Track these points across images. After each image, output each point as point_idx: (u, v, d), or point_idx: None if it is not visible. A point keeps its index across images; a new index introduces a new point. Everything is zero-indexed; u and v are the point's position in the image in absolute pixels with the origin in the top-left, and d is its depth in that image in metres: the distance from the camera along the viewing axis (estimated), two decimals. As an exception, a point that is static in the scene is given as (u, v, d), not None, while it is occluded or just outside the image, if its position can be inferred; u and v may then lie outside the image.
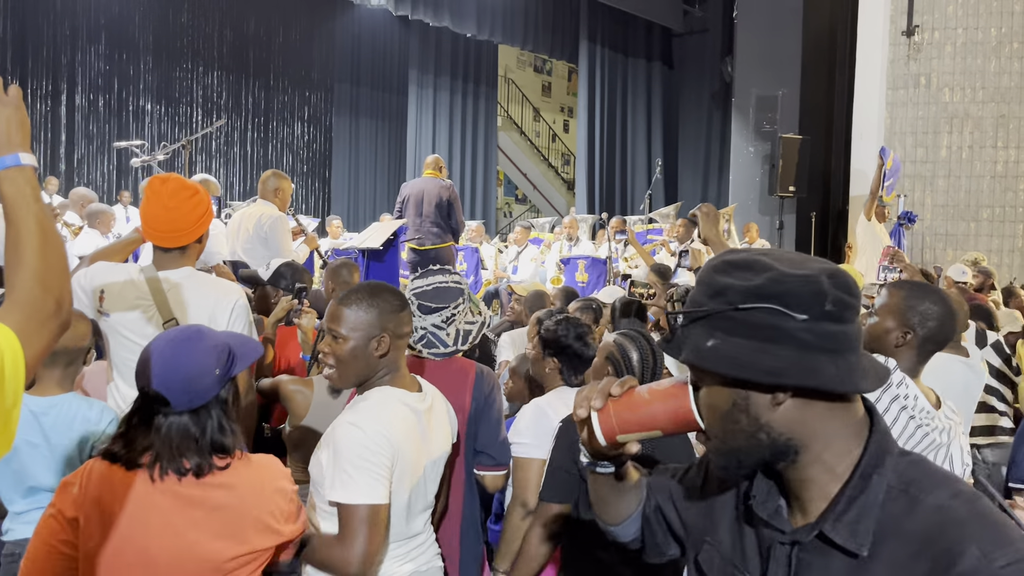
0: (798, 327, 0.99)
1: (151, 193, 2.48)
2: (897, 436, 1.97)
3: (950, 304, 2.13)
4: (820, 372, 0.99)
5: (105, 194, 11.68)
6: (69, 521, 1.58)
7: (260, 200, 5.21)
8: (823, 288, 1.00)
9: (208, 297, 2.49)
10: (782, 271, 1.01)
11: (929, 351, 2.15)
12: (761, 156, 12.15)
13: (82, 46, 12.45)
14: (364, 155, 16.07)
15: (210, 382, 1.62)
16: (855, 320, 1.03)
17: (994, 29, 10.10)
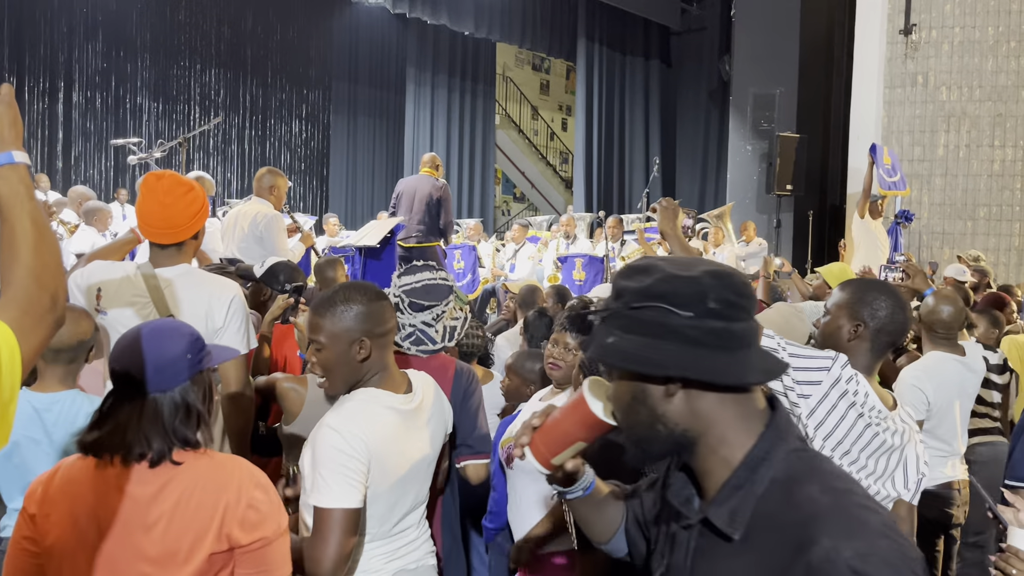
0: (683, 324, 1.08)
1: (146, 190, 2.48)
2: (844, 434, 1.96)
3: (900, 297, 2.12)
4: (703, 365, 1.07)
5: (102, 192, 11.66)
6: (30, 518, 1.59)
7: (255, 198, 5.18)
8: (706, 288, 1.09)
9: (204, 293, 2.49)
10: (670, 273, 1.11)
11: (884, 343, 2.12)
12: (758, 155, 12.17)
13: (79, 43, 12.43)
14: (362, 153, 16.07)
15: (180, 366, 1.63)
16: (743, 318, 1.11)
17: (991, 28, 10.12)
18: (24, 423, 2.18)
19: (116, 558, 1.57)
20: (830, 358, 2.00)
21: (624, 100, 16.61)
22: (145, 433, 1.59)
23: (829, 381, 1.98)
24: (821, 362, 2.00)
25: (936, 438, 3.30)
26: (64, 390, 2.28)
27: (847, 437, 1.98)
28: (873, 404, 2.00)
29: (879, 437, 1.99)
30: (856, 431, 1.98)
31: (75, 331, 2.26)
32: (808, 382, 2.00)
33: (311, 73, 15.19)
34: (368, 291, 1.90)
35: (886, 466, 2.04)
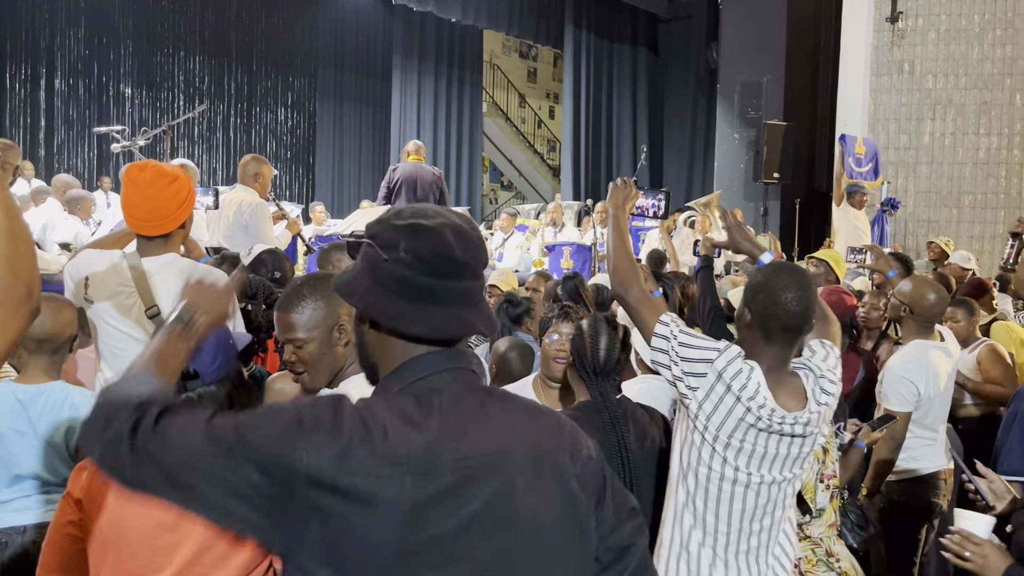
0: (380, 264, 1.17)
1: (129, 182, 2.46)
2: (733, 428, 1.88)
3: (796, 280, 1.94)
4: (376, 304, 1.17)
5: (86, 180, 11.55)
6: (75, 502, 1.62)
7: (240, 186, 5.14)
8: (400, 237, 1.17)
9: None
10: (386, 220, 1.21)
11: (774, 329, 1.94)
12: (746, 142, 12.19)
13: (61, 30, 12.26)
14: (348, 141, 15.97)
15: (229, 353, 1.70)
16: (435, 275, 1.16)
17: (977, 16, 10.15)
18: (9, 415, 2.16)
19: (160, 546, 1.59)
20: (717, 349, 1.93)
21: (612, 88, 16.58)
22: None
23: (713, 374, 1.90)
24: (707, 353, 1.92)
25: (923, 427, 3.31)
26: (49, 381, 2.25)
27: (713, 414, 1.90)
28: (752, 394, 1.87)
29: (746, 421, 1.89)
30: (725, 408, 1.90)
31: (58, 321, 2.23)
32: (694, 374, 1.93)
33: (296, 60, 15.06)
34: (330, 278, 1.90)
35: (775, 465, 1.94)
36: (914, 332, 3.36)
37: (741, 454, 1.92)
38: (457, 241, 1.18)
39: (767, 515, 1.97)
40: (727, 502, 1.94)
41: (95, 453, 1.15)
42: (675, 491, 2.03)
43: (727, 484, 1.93)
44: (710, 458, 1.93)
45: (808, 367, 2.00)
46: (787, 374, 1.97)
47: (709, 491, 1.95)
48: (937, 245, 7.54)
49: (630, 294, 2.06)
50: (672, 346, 1.94)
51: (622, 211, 2.27)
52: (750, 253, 2.38)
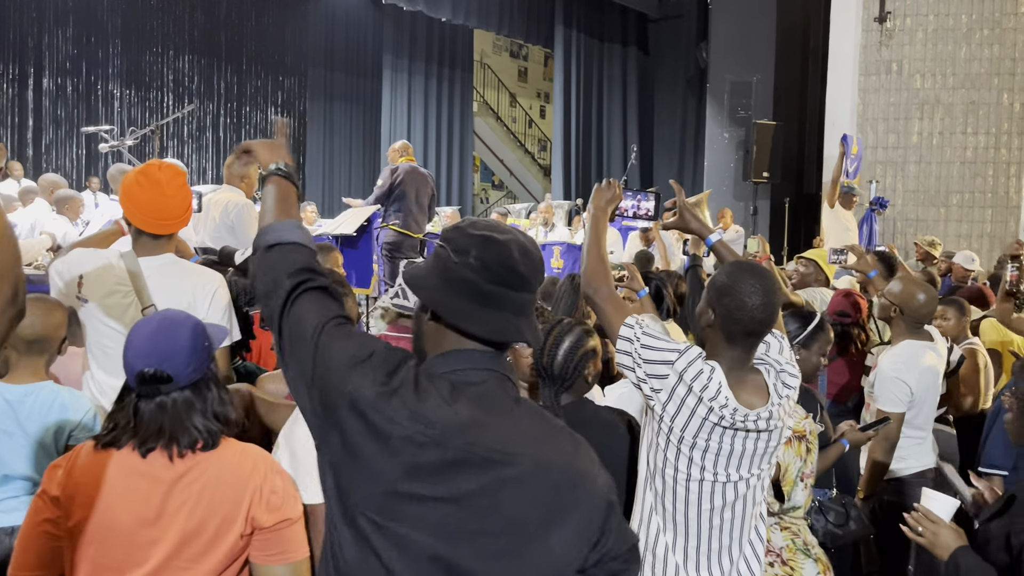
0: (449, 264, 1.31)
1: (147, 181, 2.45)
2: (675, 411, 1.87)
3: (763, 283, 1.90)
4: (441, 300, 1.31)
5: (74, 180, 11.48)
6: (52, 500, 1.62)
7: (226, 186, 5.10)
8: (472, 244, 1.31)
9: (187, 283, 2.49)
10: (462, 227, 1.35)
11: (736, 333, 1.91)
12: (735, 142, 12.23)
13: (49, 29, 12.18)
14: (338, 141, 15.92)
15: (204, 355, 1.69)
16: (498, 283, 1.30)
17: (964, 16, 10.21)
18: (-3, 415, 2.16)
19: (140, 541, 1.61)
20: (677, 351, 1.90)
21: (602, 87, 16.60)
22: (192, 422, 1.64)
23: (674, 375, 1.88)
24: (668, 355, 1.90)
25: (913, 427, 3.32)
26: (37, 381, 2.25)
27: (700, 433, 1.88)
28: (713, 394, 1.86)
29: (709, 421, 1.87)
30: (707, 427, 1.88)
31: (48, 322, 2.23)
32: (656, 376, 1.91)
33: (286, 60, 15.02)
34: None
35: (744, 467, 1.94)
36: (904, 332, 3.36)
37: (707, 454, 1.90)
38: (521, 256, 1.32)
39: (736, 513, 1.97)
40: (695, 502, 1.94)
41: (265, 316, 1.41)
42: (643, 494, 2.02)
43: (694, 484, 1.93)
44: (676, 459, 1.92)
45: (767, 362, 1.99)
46: (748, 371, 1.96)
47: (677, 492, 1.94)
48: (921, 247, 7.56)
49: (598, 294, 2.05)
50: (635, 348, 1.93)
51: (603, 212, 2.24)
52: (699, 233, 2.37)
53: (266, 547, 1.68)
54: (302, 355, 1.31)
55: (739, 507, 1.96)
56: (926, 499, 2.15)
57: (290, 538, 1.69)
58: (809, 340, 2.92)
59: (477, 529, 1.25)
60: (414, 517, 1.24)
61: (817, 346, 2.93)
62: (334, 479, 1.29)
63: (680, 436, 1.90)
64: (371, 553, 1.25)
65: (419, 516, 1.24)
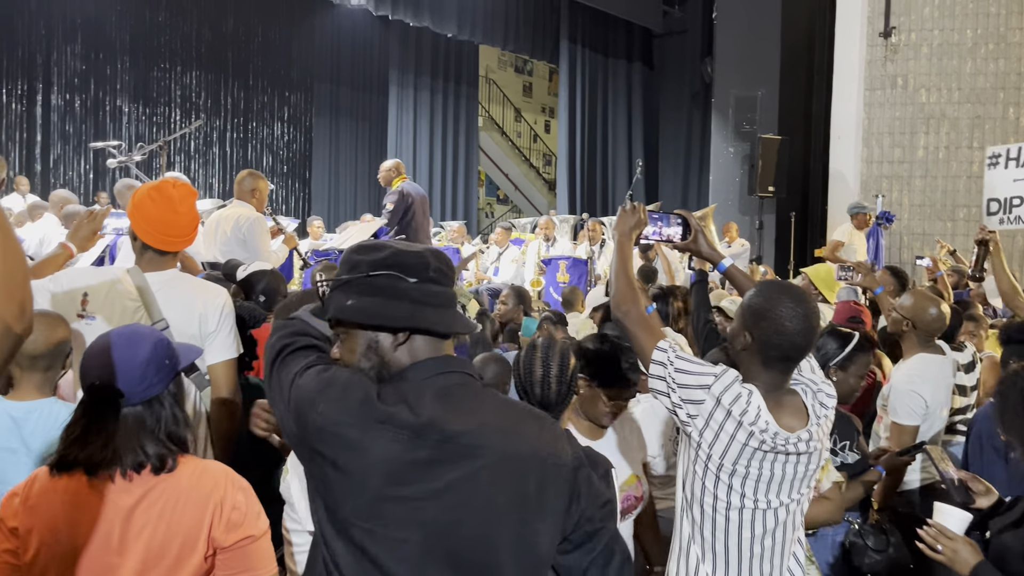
0: (410, 287, 1.39)
1: (161, 197, 2.48)
2: (713, 437, 1.83)
3: (802, 306, 1.84)
4: (427, 318, 1.39)
5: (82, 195, 11.55)
6: (11, 531, 1.59)
7: (236, 201, 5.13)
8: (428, 260, 1.41)
9: (197, 298, 2.51)
10: (399, 249, 1.42)
11: (774, 358, 1.86)
12: (741, 156, 12.23)
13: (58, 45, 12.29)
14: (344, 156, 15.99)
15: (162, 373, 1.66)
16: (449, 284, 1.43)
17: (970, 31, 10.22)
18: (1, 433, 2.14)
19: (102, 568, 1.57)
20: (714, 375, 1.85)
21: (607, 102, 16.63)
22: (141, 443, 1.60)
23: (711, 400, 1.83)
24: (704, 379, 1.85)
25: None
26: (41, 398, 2.24)
27: (739, 459, 1.84)
28: (753, 418, 1.81)
29: (749, 446, 1.83)
30: (747, 453, 1.83)
31: (51, 337, 2.22)
32: (692, 400, 1.86)
33: (293, 75, 15.10)
34: None
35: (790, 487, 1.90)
36: (916, 346, 3.35)
37: (748, 480, 1.86)
38: (446, 256, 1.47)
39: (776, 540, 1.92)
40: (735, 531, 1.89)
41: None
42: (680, 523, 1.99)
43: (734, 512, 1.88)
44: (715, 487, 1.88)
45: (802, 382, 1.95)
46: (785, 393, 1.91)
47: (716, 521, 1.90)
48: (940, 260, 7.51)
49: (629, 318, 2.02)
50: (669, 372, 1.88)
51: (627, 238, 2.21)
52: (710, 258, 2.34)
53: (229, 566, 1.64)
54: (281, 406, 1.41)
55: (779, 534, 1.92)
56: (939, 515, 2.14)
57: (254, 555, 1.65)
58: (847, 361, 2.79)
59: (458, 519, 1.32)
60: (403, 518, 1.31)
61: (855, 368, 2.80)
62: (322, 499, 1.35)
63: (719, 463, 1.85)
64: (369, 562, 1.30)
65: (407, 517, 1.31)
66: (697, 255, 2.36)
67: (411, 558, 1.31)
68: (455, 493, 1.32)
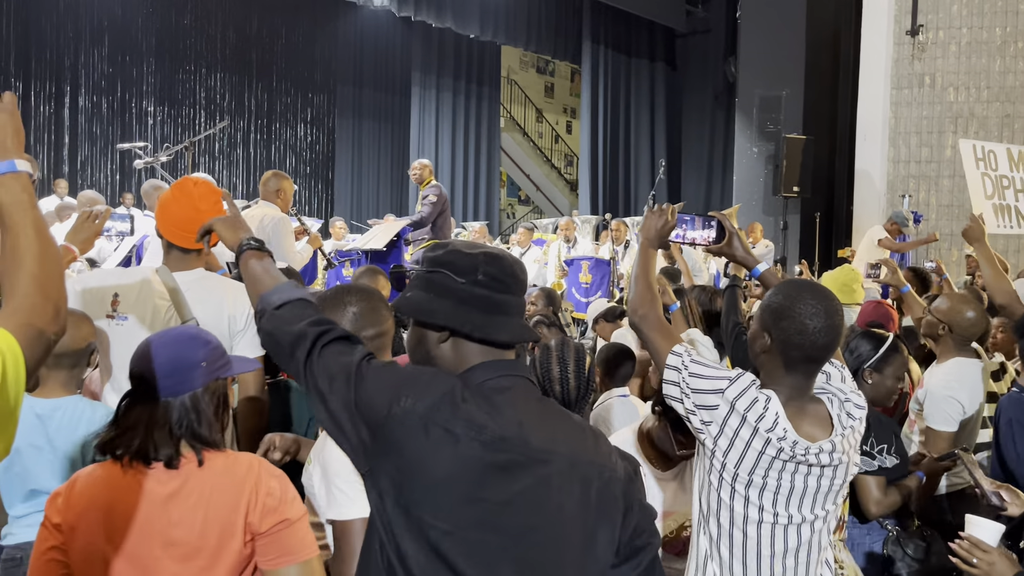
0: (458, 287, 1.38)
1: (182, 195, 2.52)
2: (728, 445, 1.76)
3: (825, 305, 1.76)
4: (466, 320, 1.37)
5: (108, 196, 11.68)
6: (55, 527, 1.62)
7: (262, 201, 5.16)
8: (478, 263, 1.38)
9: (226, 298, 2.52)
10: (455, 249, 1.41)
11: (796, 359, 1.77)
12: (765, 156, 12.13)
13: (85, 48, 12.45)
14: (367, 157, 16.06)
15: (195, 373, 1.68)
16: (505, 292, 1.40)
17: (999, 28, 10.07)
18: (26, 430, 2.16)
19: (145, 560, 1.61)
20: (728, 378, 1.77)
21: (629, 102, 16.59)
22: (154, 435, 1.64)
23: (726, 405, 1.75)
24: (718, 383, 1.77)
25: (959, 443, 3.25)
26: (67, 396, 2.25)
27: (756, 469, 1.74)
28: (771, 425, 1.72)
29: (797, 474, 1.74)
30: (764, 462, 1.74)
31: (77, 336, 2.24)
32: (706, 406, 1.77)
33: (316, 77, 15.20)
34: (360, 293, 1.89)
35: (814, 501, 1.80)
36: (952, 350, 3.28)
37: (766, 492, 1.75)
38: (516, 265, 1.44)
39: (800, 560, 1.81)
40: (754, 547, 1.78)
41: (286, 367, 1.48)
42: (696, 539, 1.88)
43: (752, 527, 1.77)
44: (731, 499, 1.78)
45: (829, 391, 1.84)
46: (809, 400, 1.81)
47: (734, 536, 1.79)
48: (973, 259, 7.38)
49: (646, 322, 1.96)
50: (683, 377, 1.81)
51: (651, 243, 2.13)
52: (744, 263, 2.25)
53: (269, 551, 1.67)
54: (343, 392, 1.36)
55: (803, 553, 1.81)
56: (971, 527, 2.06)
57: (292, 539, 1.67)
58: (882, 363, 2.74)
59: (533, 524, 1.33)
60: (482, 522, 1.31)
61: (891, 369, 2.75)
62: (393, 496, 1.32)
63: (734, 474, 1.76)
64: (442, 562, 1.30)
65: (486, 520, 1.31)
66: (731, 259, 2.28)
67: (486, 561, 1.32)
68: (529, 497, 1.33)
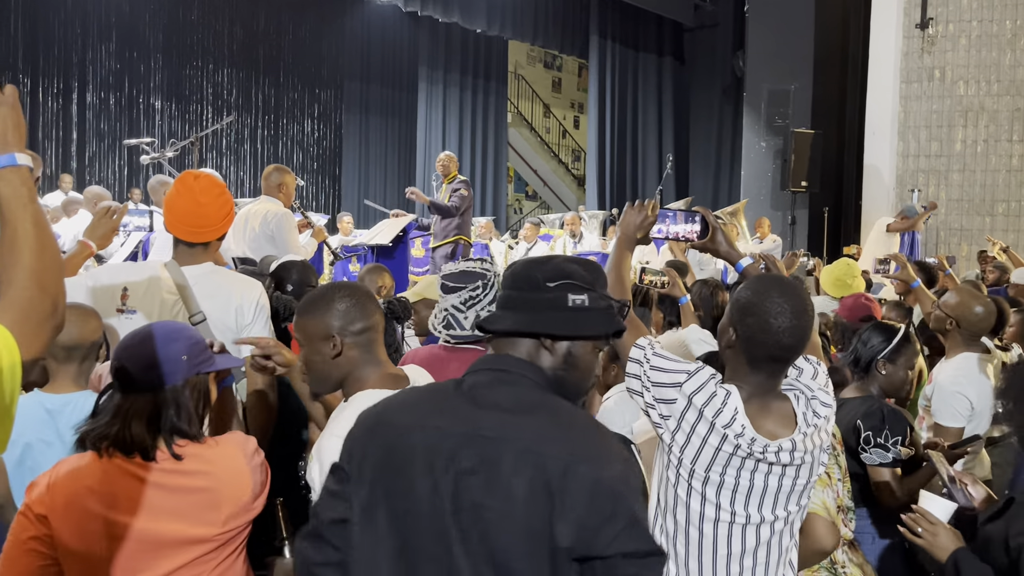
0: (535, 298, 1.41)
1: (183, 188, 2.53)
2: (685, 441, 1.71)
3: (793, 304, 1.70)
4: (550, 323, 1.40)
5: (116, 192, 11.70)
6: (38, 518, 1.61)
7: (264, 197, 5.15)
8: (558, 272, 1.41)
9: (233, 292, 2.53)
10: (528, 261, 1.45)
11: (760, 357, 1.72)
12: (773, 151, 12.09)
13: (93, 44, 12.47)
14: (374, 152, 16.06)
15: (176, 366, 1.70)
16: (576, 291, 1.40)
17: (1009, 21, 10.00)
18: (37, 426, 2.16)
19: (140, 548, 1.62)
20: (687, 372, 1.73)
21: (637, 97, 16.54)
22: (132, 427, 1.66)
23: (683, 399, 1.71)
24: (677, 376, 1.73)
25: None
26: (77, 390, 2.25)
27: (713, 466, 1.70)
28: (727, 421, 1.67)
29: (757, 472, 1.70)
30: (722, 459, 1.69)
31: (85, 329, 2.24)
32: (664, 400, 1.73)
33: (323, 72, 15.20)
34: (346, 289, 1.88)
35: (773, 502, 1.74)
36: (960, 345, 3.26)
37: (723, 490, 1.71)
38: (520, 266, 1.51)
39: (758, 561, 1.75)
40: (711, 546, 1.74)
41: None
42: (653, 534, 1.79)
43: (708, 525, 1.73)
44: (687, 496, 1.74)
45: (798, 388, 1.78)
46: (774, 397, 1.75)
47: (690, 534, 1.75)
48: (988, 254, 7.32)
49: None
50: (644, 370, 1.77)
51: (630, 237, 2.09)
52: (728, 258, 2.20)
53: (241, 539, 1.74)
54: None
55: (762, 554, 1.75)
56: (924, 500, 2.11)
57: None
58: (895, 354, 2.71)
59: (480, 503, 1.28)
60: None
61: (904, 359, 2.72)
62: None
63: (691, 470, 1.72)
64: None
65: None
66: (715, 254, 2.22)
67: None
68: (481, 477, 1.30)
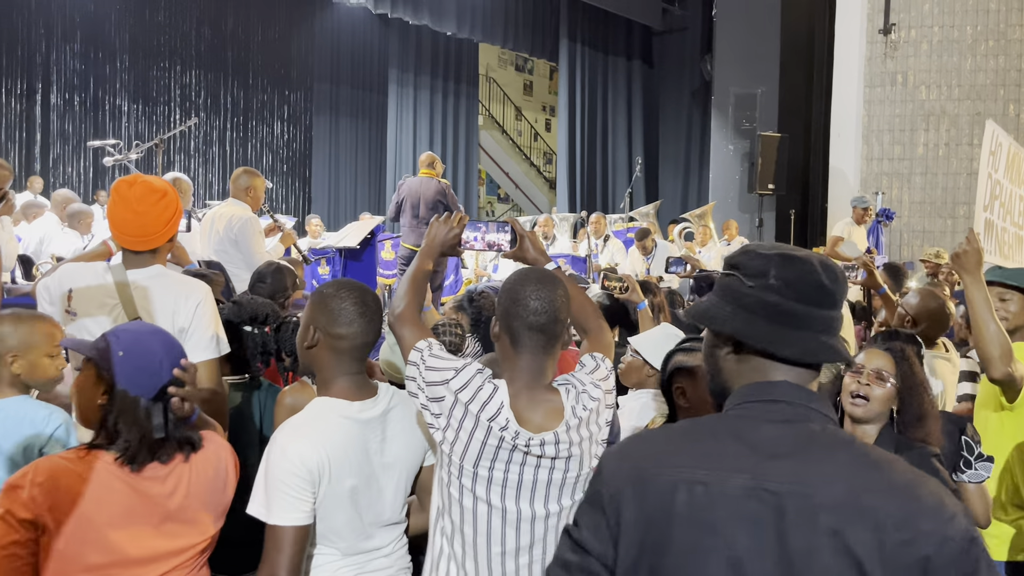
0: (743, 290, 1.22)
1: (118, 197, 2.43)
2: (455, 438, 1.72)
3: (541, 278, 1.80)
4: (742, 327, 1.21)
5: (81, 194, 11.55)
6: (22, 523, 1.57)
7: (232, 199, 5.09)
8: (772, 266, 1.21)
9: (170, 295, 2.45)
10: (751, 250, 1.25)
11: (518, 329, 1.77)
12: (740, 154, 12.21)
13: (57, 44, 12.30)
14: (344, 154, 15.99)
15: (160, 368, 1.73)
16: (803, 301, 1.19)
17: (970, 27, 10.19)
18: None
19: (127, 553, 1.64)
20: (455, 369, 1.74)
21: (607, 100, 16.62)
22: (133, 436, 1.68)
23: (451, 396, 1.72)
24: (445, 374, 1.74)
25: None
26: (14, 395, 2.24)
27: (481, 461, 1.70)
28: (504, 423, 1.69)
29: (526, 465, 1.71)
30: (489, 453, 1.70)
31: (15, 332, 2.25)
32: (435, 398, 1.73)
33: (292, 74, 15.11)
34: (354, 295, 1.85)
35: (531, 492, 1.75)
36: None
37: (492, 485, 1.72)
38: (824, 271, 1.21)
39: (535, 558, 1.76)
40: (485, 544, 1.74)
41: None
42: (433, 535, 1.84)
43: (482, 523, 1.74)
44: (460, 494, 1.74)
45: (572, 382, 1.81)
46: (544, 390, 1.78)
47: (465, 533, 1.75)
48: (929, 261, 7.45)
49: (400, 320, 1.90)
50: (420, 371, 1.77)
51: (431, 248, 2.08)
52: (535, 263, 2.18)
53: None
54: None
55: (538, 551, 1.76)
56: None
57: None
58: None
59: None
60: None
61: None
62: None
63: (460, 467, 1.72)
64: None
65: None
66: (524, 262, 2.21)
67: None
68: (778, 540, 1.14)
